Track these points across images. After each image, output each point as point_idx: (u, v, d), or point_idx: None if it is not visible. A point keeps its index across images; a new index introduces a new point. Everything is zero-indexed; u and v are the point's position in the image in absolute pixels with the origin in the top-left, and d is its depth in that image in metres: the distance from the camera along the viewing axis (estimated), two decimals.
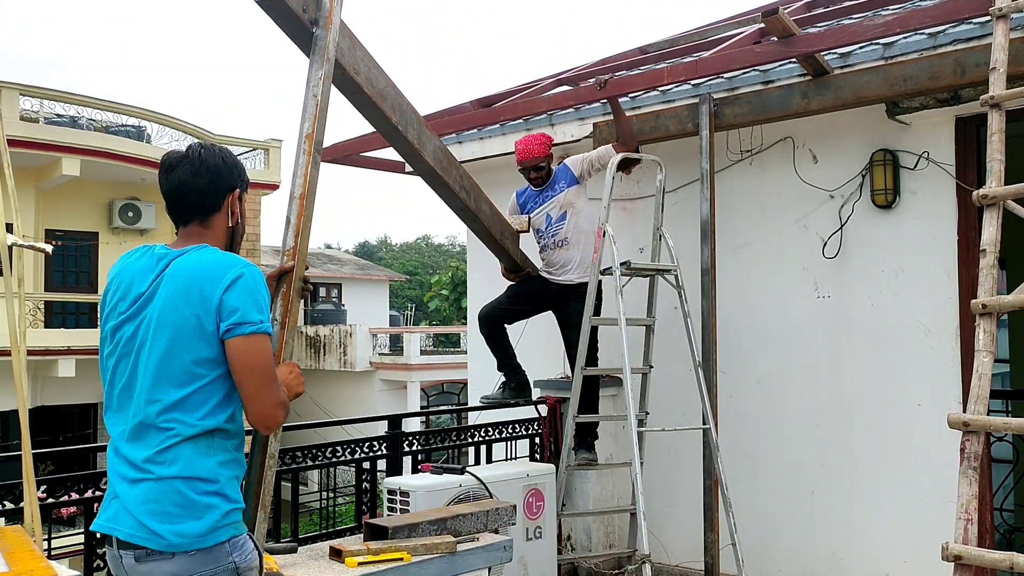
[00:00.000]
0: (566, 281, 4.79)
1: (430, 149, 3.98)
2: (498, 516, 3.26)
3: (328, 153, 6.15)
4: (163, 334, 1.91)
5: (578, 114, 5.37)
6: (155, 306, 1.94)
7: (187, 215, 2.10)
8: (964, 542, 2.44)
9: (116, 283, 2.04)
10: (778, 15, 3.96)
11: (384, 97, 3.59)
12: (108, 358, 2.00)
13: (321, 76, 2.98)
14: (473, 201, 4.42)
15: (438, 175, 4.09)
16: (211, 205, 2.09)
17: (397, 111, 3.69)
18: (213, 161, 2.09)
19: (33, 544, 1.84)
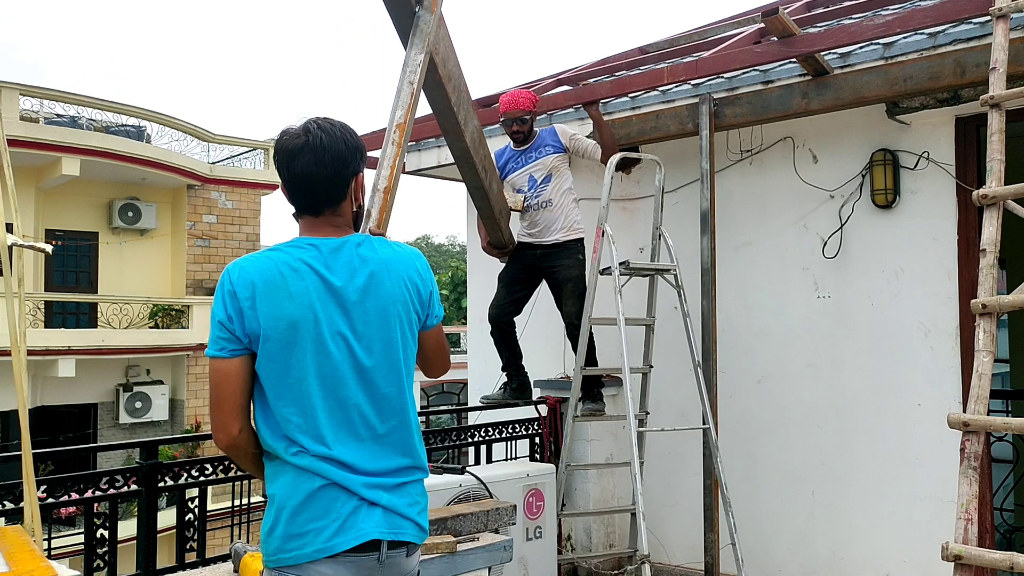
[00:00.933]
0: (551, 241, 4.73)
1: (470, 129, 3.89)
2: (498, 516, 3.26)
3: None
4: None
5: (578, 114, 5.37)
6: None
7: (318, 206, 1.96)
8: (964, 542, 2.44)
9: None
10: (778, 15, 3.96)
11: (450, 78, 3.48)
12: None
13: (420, 61, 2.83)
14: (488, 180, 4.37)
15: (470, 155, 3.98)
16: (339, 195, 1.95)
17: (456, 92, 3.59)
18: (336, 148, 1.92)
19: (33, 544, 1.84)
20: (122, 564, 3.56)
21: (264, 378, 1.85)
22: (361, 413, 1.89)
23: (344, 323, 1.88)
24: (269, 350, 1.83)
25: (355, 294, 1.89)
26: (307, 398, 1.84)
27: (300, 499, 1.82)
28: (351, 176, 1.97)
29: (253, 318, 1.82)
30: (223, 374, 1.83)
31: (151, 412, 16.89)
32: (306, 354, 1.84)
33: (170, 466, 3.63)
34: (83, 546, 3.43)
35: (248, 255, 1.90)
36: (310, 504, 1.82)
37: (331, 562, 1.82)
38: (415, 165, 6.30)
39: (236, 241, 18.42)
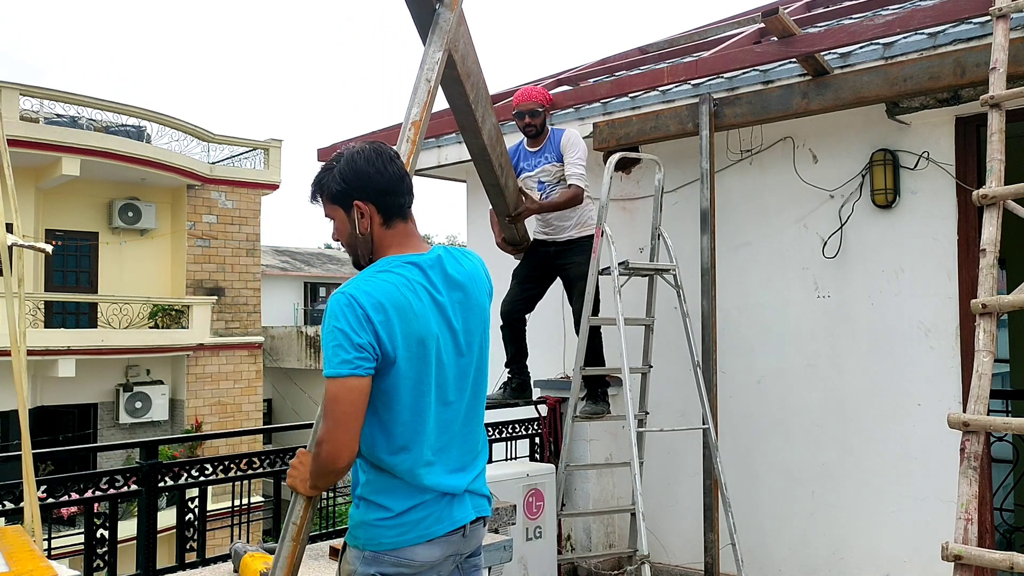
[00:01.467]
0: (564, 238, 4.72)
1: (488, 127, 3.85)
2: (498, 516, 3.26)
3: (328, 153, 6.16)
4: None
5: (578, 114, 5.37)
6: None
7: (409, 208, 2.07)
8: (964, 542, 2.44)
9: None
10: (778, 15, 3.96)
11: (469, 74, 3.46)
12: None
13: (438, 59, 2.82)
14: (504, 177, 4.33)
15: (486, 152, 3.95)
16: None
17: (475, 89, 3.57)
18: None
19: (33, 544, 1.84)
20: (122, 564, 3.56)
21: (394, 396, 1.93)
22: (463, 421, 2.08)
23: (450, 338, 2.01)
24: (404, 369, 1.92)
25: (455, 309, 2.03)
26: (426, 413, 1.96)
27: (409, 507, 1.97)
28: None
29: (388, 341, 1.89)
30: (357, 392, 1.87)
31: (151, 412, 16.89)
32: (430, 372, 1.96)
33: (170, 466, 3.63)
34: (83, 546, 3.43)
35: (359, 279, 1.95)
36: (417, 508, 1.97)
37: (427, 545, 1.98)
38: (415, 165, 6.29)
39: (236, 241, 18.42)
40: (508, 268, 4.99)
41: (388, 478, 1.97)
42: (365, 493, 2.00)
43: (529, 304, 4.89)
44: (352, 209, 2.02)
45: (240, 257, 18.49)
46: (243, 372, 18.25)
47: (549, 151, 4.67)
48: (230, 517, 4.46)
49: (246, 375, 18.32)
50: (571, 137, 4.63)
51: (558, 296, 5.01)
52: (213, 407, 17.65)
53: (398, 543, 1.95)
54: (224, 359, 17.89)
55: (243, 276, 18.55)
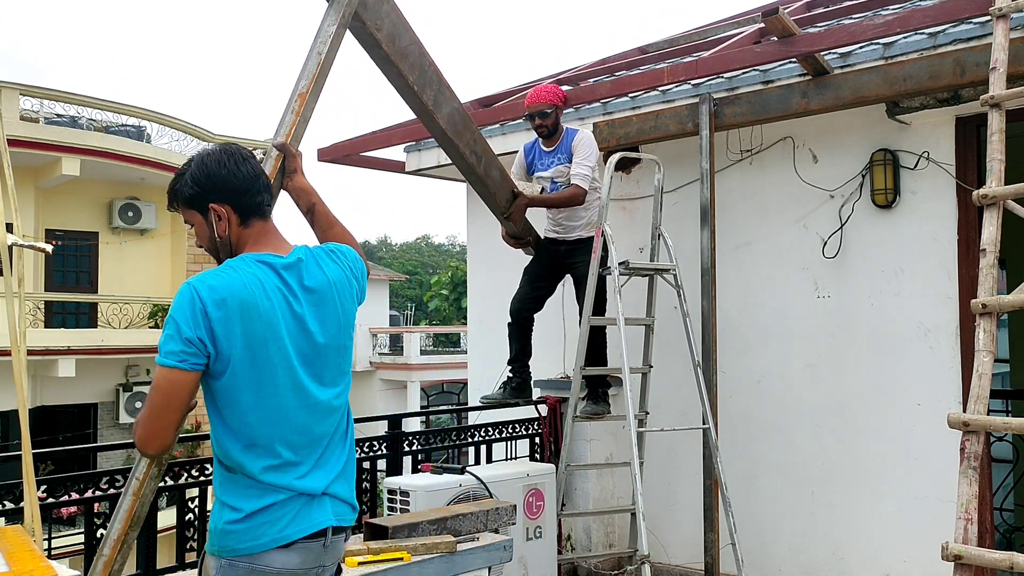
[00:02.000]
0: (574, 237, 4.72)
1: (445, 112, 3.82)
2: (498, 516, 3.26)
3: (328, 153, 6.16)
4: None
5: (578, 114, 5.37)
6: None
7: (268, 206, 2.08)
8: (964, 542, 2.44)
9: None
10: (778, 15, 3.96)
11: (404, 55, 3.43)
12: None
13: (332, 32, 2.80)
14: (483, 167, 4.26)
15: (448, 138, 3.94)
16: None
17: (416, 70, 3.53)
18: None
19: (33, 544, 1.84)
20: None
21: (233, 397, 1.92)
22: (321, 423, 2.03)
23: (304, 339, 1.99)
24: (240, 368, 1.90)
25: (310, 311, 2.01)
26: (275, 413, 1.93)
27: (260, 507, 1.93)
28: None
29: (225, 338, 1.87)
30: (179, 385, 1.87)
31: None
32: (276, 372, 1.94)
33: (170, 466, 3.63)
34: (83, 546, 3.43)
35: (208, 272, 1.93)
36: (270, 509, 1.94)
37: (284, 551, 1.94)
38: (415, 165, 6.30)
39: None
40: (518, 264, 5.00)
41: (240, 478, 1.96)
42: (219, 494, 1.99)
43: (539, 303, 4.89)
44: (208, 212, 2.03)
45: None
46: None
47: (562, 151, 4.67)
48: None
49: None
50: (582, 138, 4.63)
51: (559, 296, 5.01)
52: None
53: (252, 548, 1.92)
54: None
55: None
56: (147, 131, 17.49)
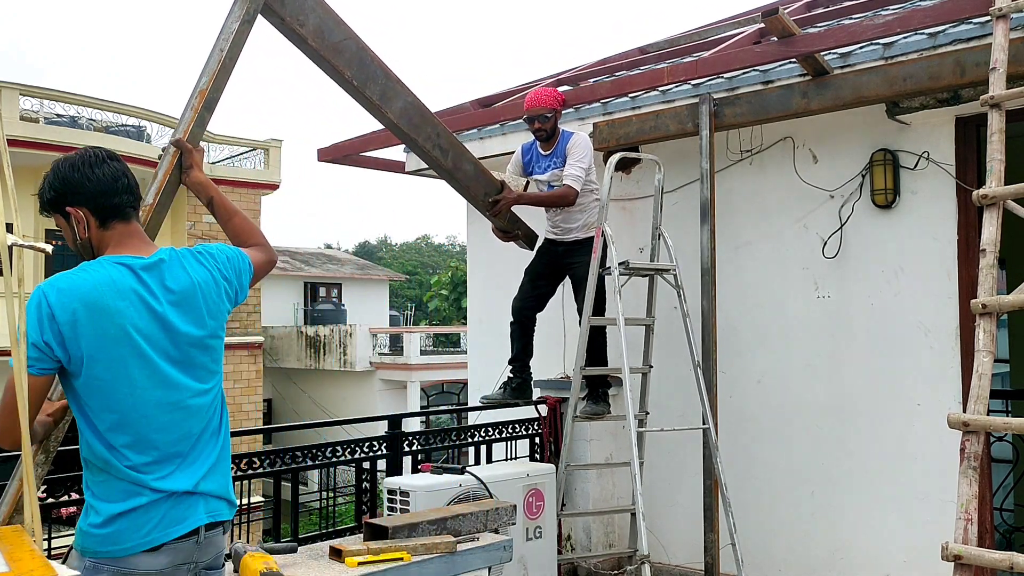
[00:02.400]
0: (571, 239, 4.73)
1: (397, 106, 3.80)
2: (498, 516, 3.26)
3: (328, 153, 6.16)
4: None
5: (578, 114, 5.37)
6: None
7: (131, 207, 2.11)
8: (964, 542, 2.44)
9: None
10: (778, 15, 3.96)
11: (339, 51, 3.42)
12: None
13: (234, 30, 2.80)
14: (450, 160, 4.22)
15: (405, 132, 3.94)
16: (138, 200, 2.16)
17: (355, 66, 3.52)
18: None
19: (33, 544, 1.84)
20: None
21: (91, 397, 1.96)
22: (188, 422, 2.06)
23: (166, 339, 2.02)
24: (95, 369, 1.94)
25: (173, 311, 2.04)
26: (136, 412, 1.96)
27: (123, 511, 1.96)
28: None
29: (74, 340, 1.92)
30: (28, 389, 1.88)
31: None
32: (131, 371, 1.96)
33: None
34: None
35: (61, 275, 1.99)
36: (134, 513, 1.95)
37: (151, 553, 1.96)
38: (415, 165, 6.30)
39: None
40: (518, 264, 5.00)
41: (107, 478, 1.99)
42: (87, 496, 2.01)
43: (540, 302, 4.90)
44: (69, 216, 2.07)
45: None
46: (243, 372, 18.25)
47: (558, 155, 4.67)
48: None
49: (246, 375, 18.32)
50: (576, 141, 4.62)
51: (559, 296, 5.01)
52: None
53: (114, 552, 1.94)
54: (224, 359, 17.89)
55: None
56: (147, 131, 17.50)
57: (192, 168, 2.58)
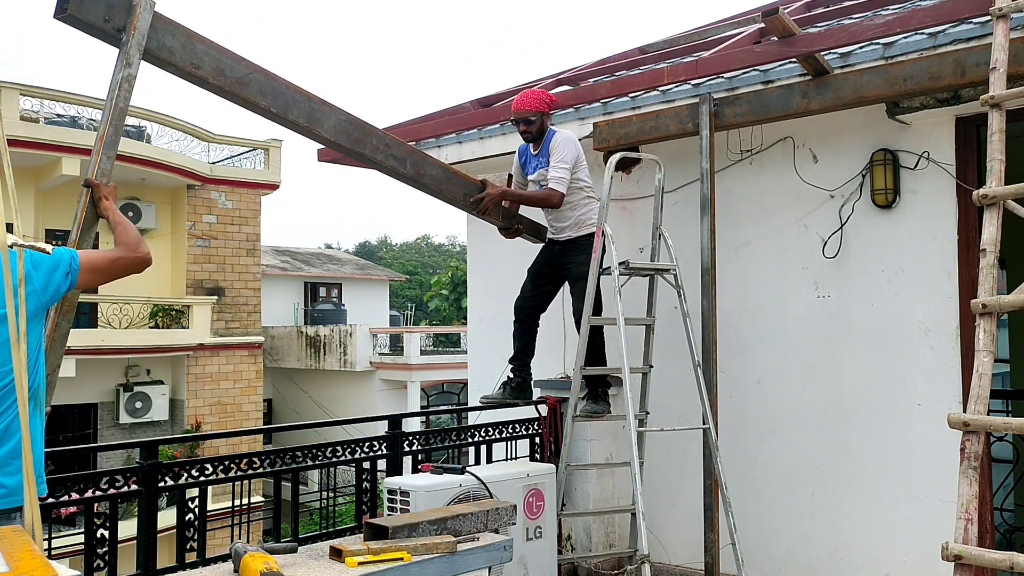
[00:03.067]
0: (564, 238, 4.75)
1: (329, 125, 3.87)
2: (498, 516, 3.26)
3: (328, 153, 6.16)
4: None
5: (578, 114, 5.37)
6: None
7: None
8: (964, 542, 2.44)
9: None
10: (778, 15, 3.96)
11: (246, 84, 3.52)
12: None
13: (118, 81, 3.05)
14: (410, 167, 4.27)
15: (347, 148, 4.00)
16: None
17: (269, 96, 3.61)
18: None
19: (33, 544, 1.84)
20: (122, 564, 3.56)
21: None
22: None
23: None
24: None
25: None
26: None
27: None
28: None
29: None
30: None
31: (151, 412, 16.90)
32: None
33: (170, 466, 3.63)
34: (83, 546, 3.43)
35: None
36: None
37: None
38: None
39: (236, 241, 18.42)
40: (518, 264, 5.00)
41: None
42: None
43: (542, 301, 4.90)
44: None
45: (240, 257, 18.50)
46: (243, 372, 18.26)
47: (543, 155, 4.69)
48: (230, 517, 4.47)
49: (246, 375, 18.32)
50: (557, 140, 4.62)
51: (559, 296, 5.01)
52: (213, 407, 17.65)
53: None
54: (224, 359, 17.89)
55: (243, 276, 18.56)
56: (147, 131, 17.50)
57: (100, 200, 2.96)
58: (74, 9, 2.93)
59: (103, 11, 3.02)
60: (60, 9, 2.94)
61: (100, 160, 3.03)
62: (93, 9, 2.99)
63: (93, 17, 2.99)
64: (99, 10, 3.00)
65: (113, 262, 2.75)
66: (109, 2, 3.04)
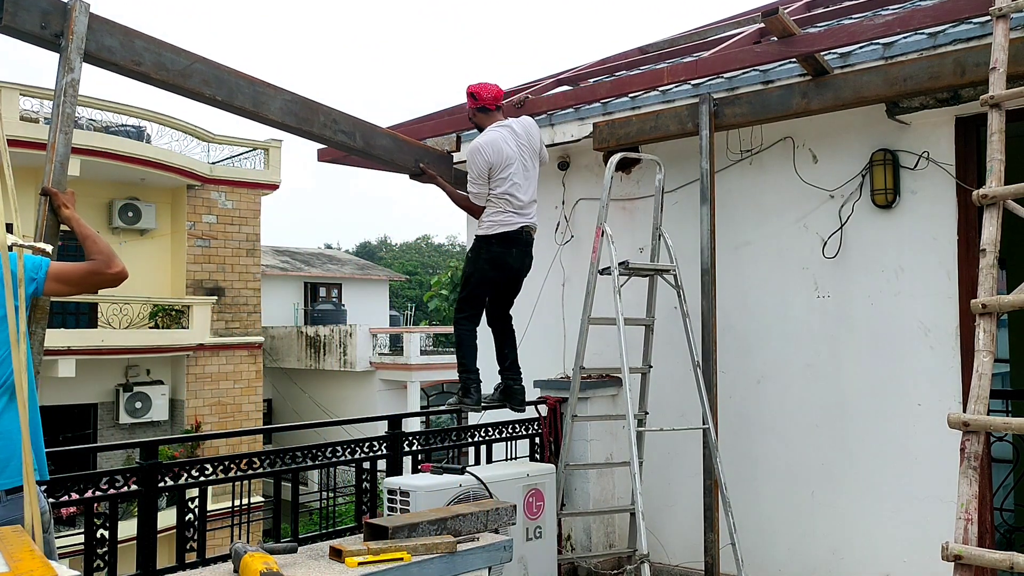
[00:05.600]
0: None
1: (276, 107, 3.99)
2: (498, 516, 3.26)
3: (328, 153, 6.16)
4: None
5: (578, 114, 5.37)
6: None
7: None
8: (964, 542, 2.44)
9: None
10: (778, 15, 3.96)
11: (188, 75, 3.59)
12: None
13: (63, 86, 3.07)
14: (360, 140, 4.44)
15: (298, 128, 4.14)
16: None
17: (213, 84, 3.70)
18: None
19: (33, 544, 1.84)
20: (122, 564, 3.56)
21: None
22: None
23: None
24: None
25: None
26: None
27: None
28: None
29: None
30: None
31: (151, 412, 16.90)
32: None
33: (170, 466, 3.64)
34: (83, 546, 3.44)
35: None
36: None
37: None
38: None
39: (236, 241, 18.42)
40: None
41: None
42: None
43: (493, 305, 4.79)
44: None
45: (240, 257, 18.50)
46: (243, 372, 18.25)
47: None
48: (230, 517, 4.47)
49: (246, 375, 18.32)
50: (467, 153, 4.61)
51: (558, 296, 5.02)
52: (213, 407, 17.65)
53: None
54: (224, 359, 17.89)
55: (243, 276, 18.56)
56: (147, 131, 17.49)
57: (60, 208, 2.97)
58: (9, 20, 2.94)
59: (39, 19, 3.02)
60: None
61: (54, 168, 3.01)
62: (28, 18, 2.99)
63: (30, 26, 3.00)
64: (34, 18, 3.01)
65: (85, 276, 2.71)
66: (44, 9, 3.04)
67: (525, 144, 4.53)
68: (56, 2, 3.10)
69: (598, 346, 4.79)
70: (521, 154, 4.49)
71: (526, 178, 4.50)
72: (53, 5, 3.08)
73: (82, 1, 3.14)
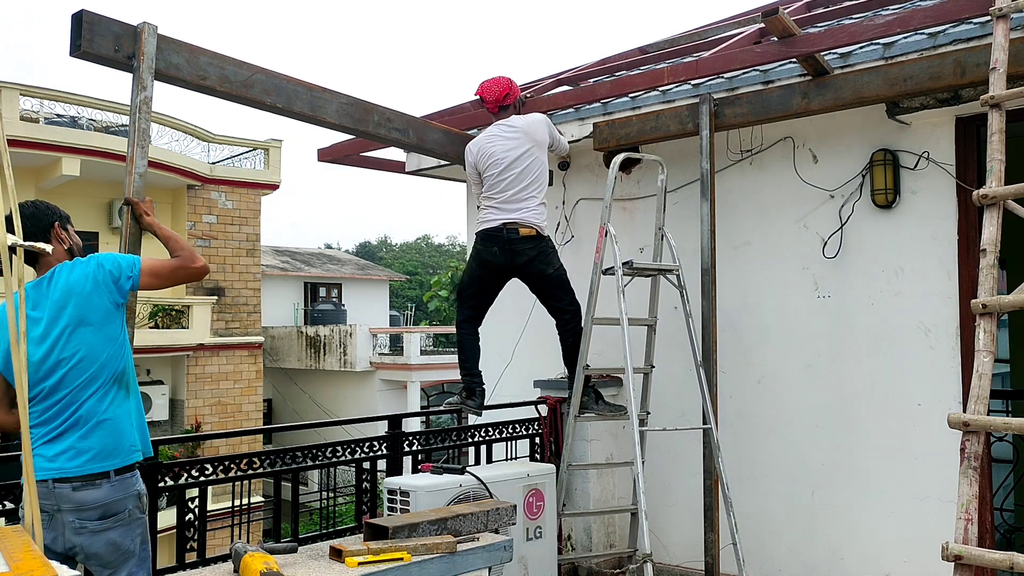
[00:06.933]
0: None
1: (332, 110, 4.15)
2: (498, 516, 3.26)
3: (328, 153, 6.16)
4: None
5: (578, 114, 5.37)
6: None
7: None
8: (964, 542, 2.44)
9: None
10: (778, 15, 3.96)
11: (250, 85, 3.79)
12: None
13: (138, 103, 3.31)
14: (413, 136, 4.65)
15: (355, 129, 4.30)
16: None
17: (273, 93, 3.89)
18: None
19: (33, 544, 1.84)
20: None
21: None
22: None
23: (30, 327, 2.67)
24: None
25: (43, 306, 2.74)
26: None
27: None
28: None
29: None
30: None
31: (151, 412, 16.89)
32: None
33: (170, 466, 3.64)
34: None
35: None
36: None
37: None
38: (415, 165, 6.30)
39: (236, 241, 18.42)
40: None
41: None
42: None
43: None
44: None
45: (240, 257, 18.50)
46: (243, 372, 18.26)
47: None
48: (230, 517, 4.47)
49: (246, 375, 18.32)
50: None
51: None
52: (213, 407, 17.65)
53: None
54: (224, 359, 17.89)
55: (243, 276, 18.56)
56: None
57: (142, 216, 3.29)
58: (87, 46, 3.19)
59: (112, 43, 3.25)
60: (74, 47, 3.19)
61: (133, 180, 3.37)
62: (103, 43, 3.23)
63: (104, 50, 3.23)
64: (108, 43, 3.25)
65: (175, 270, 2.99)
66: (116, 34, 3.27)
67: (520, 139, 4.51)
68: (126, 26, 3.32)
69: (599, 346, 4.79)
70: (509, 151, 4.49)
71: (516, 175, 4.48)
72: (124, 29, 3.31)
73: (149, 24, 3.35)
